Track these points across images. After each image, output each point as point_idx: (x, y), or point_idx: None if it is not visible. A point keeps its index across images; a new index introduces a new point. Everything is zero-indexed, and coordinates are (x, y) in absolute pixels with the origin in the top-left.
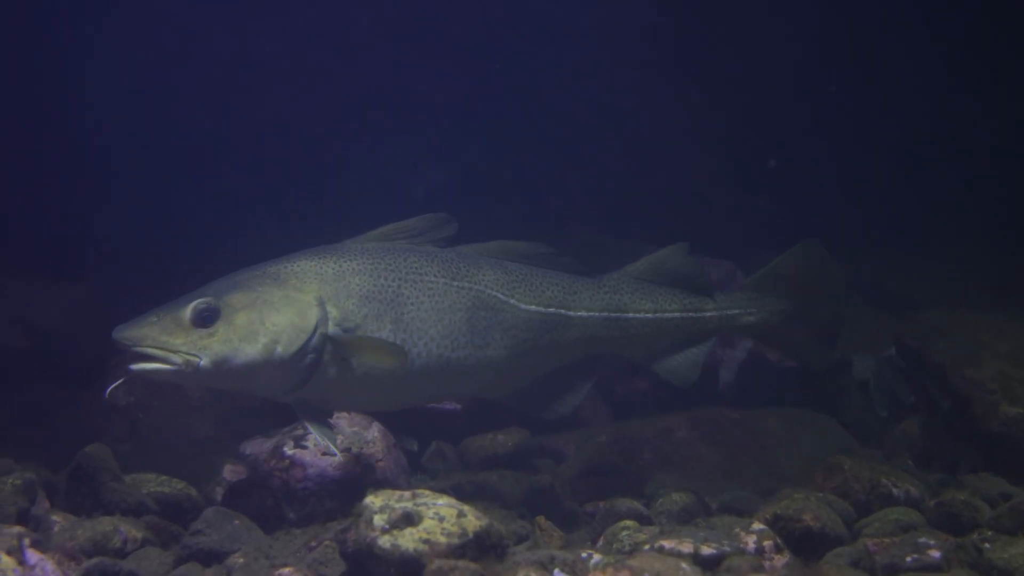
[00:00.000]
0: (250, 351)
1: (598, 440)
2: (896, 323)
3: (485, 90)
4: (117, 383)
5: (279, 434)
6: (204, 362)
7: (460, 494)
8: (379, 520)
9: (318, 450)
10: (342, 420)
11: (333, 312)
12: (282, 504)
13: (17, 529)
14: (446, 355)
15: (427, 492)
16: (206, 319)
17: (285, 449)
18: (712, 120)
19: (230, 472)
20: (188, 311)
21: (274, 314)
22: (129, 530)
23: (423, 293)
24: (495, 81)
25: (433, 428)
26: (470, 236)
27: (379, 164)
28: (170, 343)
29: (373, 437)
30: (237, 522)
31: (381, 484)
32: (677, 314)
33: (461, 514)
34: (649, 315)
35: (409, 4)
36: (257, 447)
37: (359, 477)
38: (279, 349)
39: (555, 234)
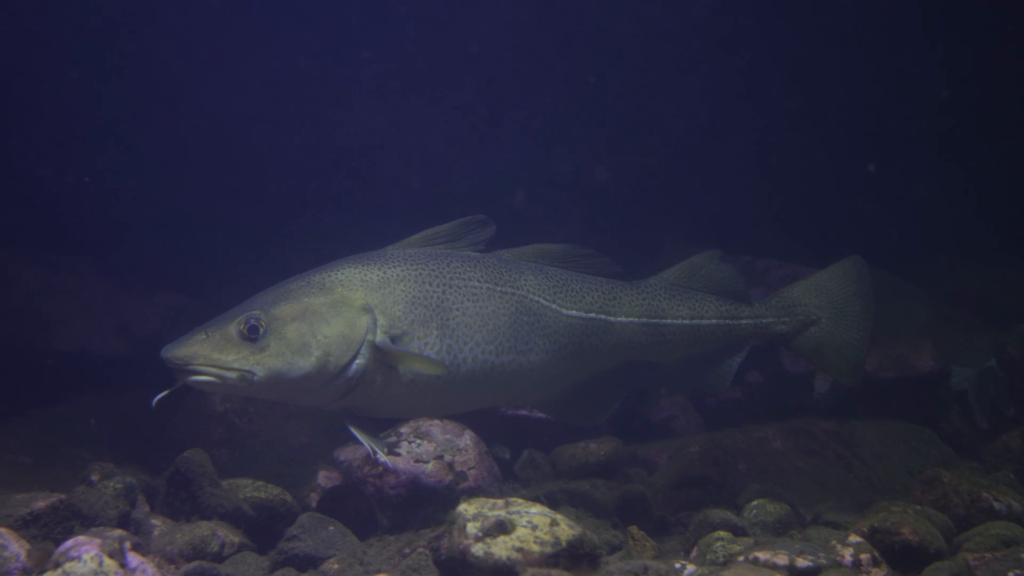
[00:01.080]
0: (304, 364)
1: (691, 450)
2: (997, 333)
3: (579, 99)
4: (164, 393)
5: None
6: (259, 376)
7: (552, 502)
8: (472, 528)
9: (411, 457)
10: (435, 427)
11: (380, 320)
12: (376, 510)
13: (118, 532)
14: (491, 361)
15: (520, 500)
16: (256, 333)
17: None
18: (812, 123)
19: (324, 478)
20: (237, 326)
21: (324, 325)
22: (226, 534)
23: (467, 298)
24: (589, 91)
25: (525, 436)
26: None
27: (478, 174)
28: (222, 360)
29: (465, 445)
30: (332, 528)
31: (473, 492)
32: (714, 321)
33: (554, 523)
34: (686, 321)
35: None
36: (351, 453)
37: (452, 484)
38: (331, 360)
39: (649, 249)
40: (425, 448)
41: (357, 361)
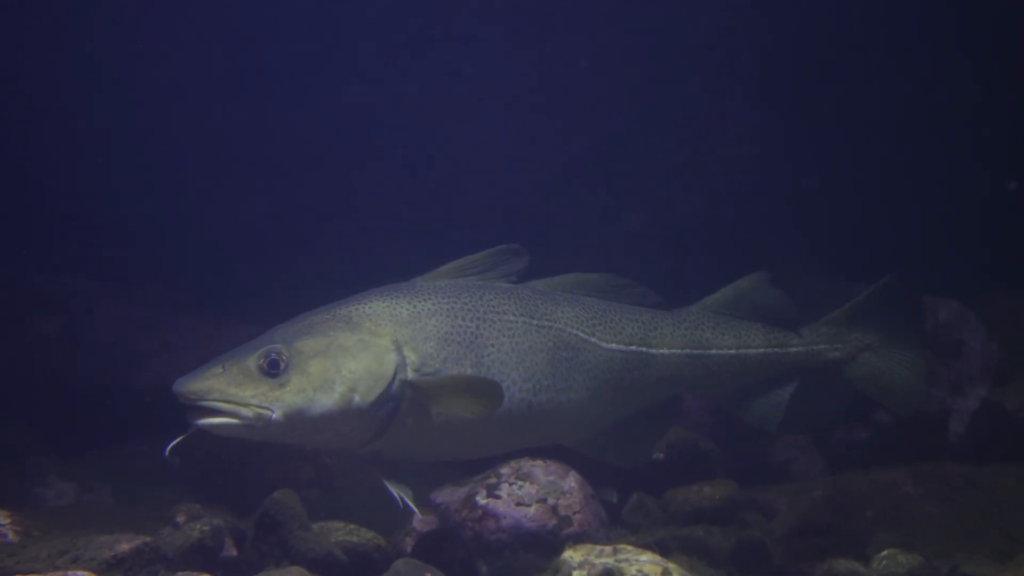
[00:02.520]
0: (326, 401)
1: (813, 495)
2: None
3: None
4: (177, 440)
5: (471, 482)
6: (276, 415)
7: (664, 550)
8: None
9: (512, 500)
10: (537, 468)
11: (411, 356)
12: (474, 556)
13: None
14: (528, 399)
15: (629, 547)
16: (276, 368)
17: (477, 499)
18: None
19: (420, 522)
20: (256, 360)
21: (350, 360)
22: None
23: (503, 334)
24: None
25: (633, 478)
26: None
27: (576, 211)
28: (239, 395)
29: (570, 487)
30: (428, 575)
31: (579, 538)
32: (761, 350)
33: (666, 572)
34: (732, 351)
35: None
36: (448, 496)
37: (555, 529)
38: (357, 398)
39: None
40: (527, 490)
41: (387, 401)
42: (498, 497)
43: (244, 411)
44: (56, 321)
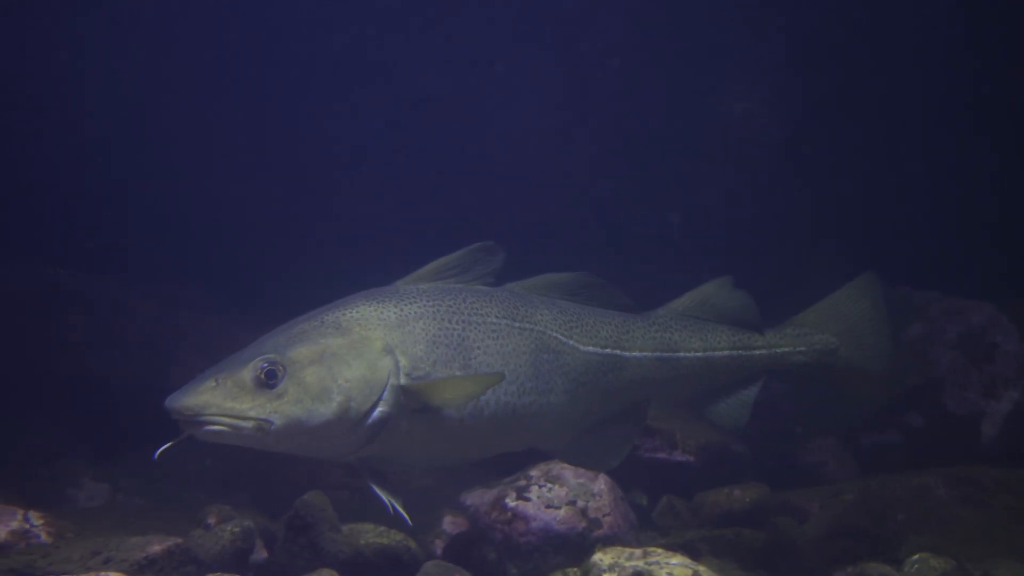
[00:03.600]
0: (324, 411)
1: (844, 498)
2: None
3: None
4: (167, 445)
5: (500, 484)
6: (276, 427)
7: (694, 553)
8: None
9: (542, 502)
10: (567, 471)
11: (402, 361)
12: (504, 559)
13: None
14: (513, 402)
15: (659, 550)
16: (273, 379)
17: (507, 501)
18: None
19: (450, 524)
20: (252, 372)
21: (345, 368)
22: None
23: (488, 336)
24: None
25: (663, 481)
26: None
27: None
28: (237, 409)
29: (600, 490)
30: None
31: (608, 540)
32: (727, 352)
33: (696, 575)
34: (700, 353)
35: None
36: (478, 498)
37: (585, 532)
38: (353, 406)
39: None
40: (557, 493)
41: (380, 406)
42: (528, 499)
43: (243, 424)
44: (87, 322)
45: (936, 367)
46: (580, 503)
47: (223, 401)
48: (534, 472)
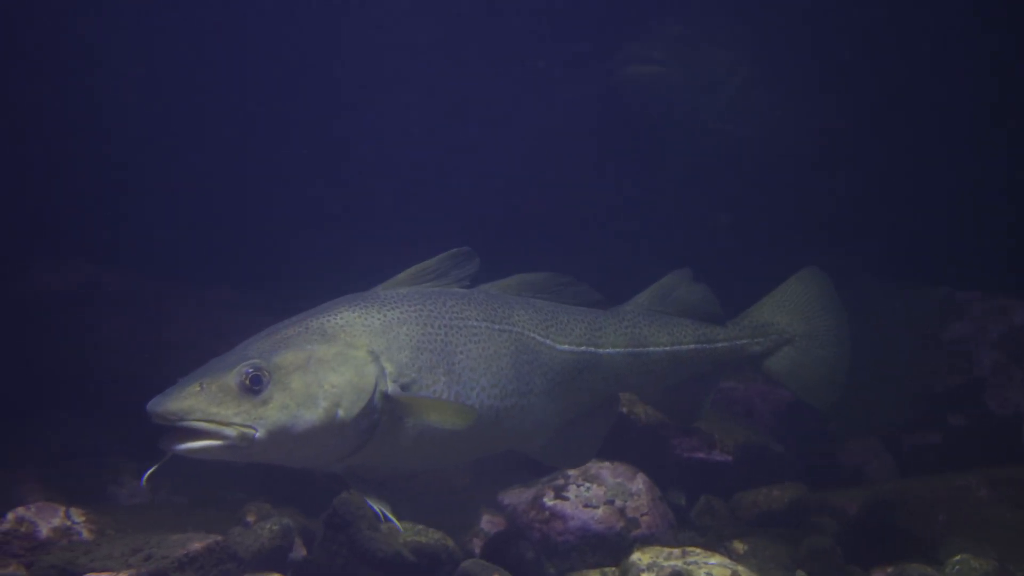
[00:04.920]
0: (310, 418)
1: (884, 498)
2: None
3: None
4: (153, 468)
5: (538, 484)
6: (260, 434)
7: (732, 553)
8: None
9: (579, 502)
10: (604, 470)
11: (388, 367)
12: (542, 558)
13: None
14: (496, 405)
15: (697, 549)
16: (259, 384)
17: (545, 500)
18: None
19: (488, 523)
20: (237, 377)
21: (331, 374)
22: None
23: (469, 340)
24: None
25: (701, 480)
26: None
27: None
28: (221, 414)
29: (638, 489)
30: (496, 575)
31: (647, 540)
32: (692, 345)
33: (735, 575)
34: (667, 348)
35: None
36: (516, 497)
37: (623, 531)
38: (340, 413)
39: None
40: (595, 492)
41: (367, 413)
42: (566, 499)
43: (227, 431)
44: (128, 321)
45: (978, 367)
46: (618, 502)
47: (207, 406)
48: (572, 471)
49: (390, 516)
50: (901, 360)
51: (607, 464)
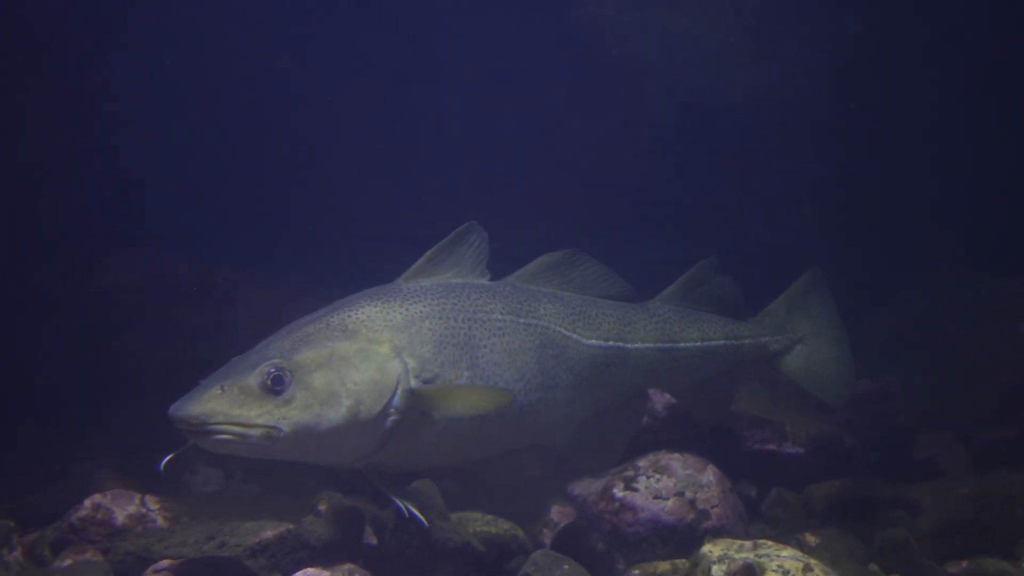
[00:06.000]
0: (333, 416)
1: (959, 492)
2: None
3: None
4: (171, 455)
5: (608, 475)
6: (285, 433)
7: (804, 545)
8: (717, 571)
9: (649, 493)
10: (675, 461)
11: (411, 363)
12: (612, 549)
13: (348, 566)
14: (520, 400)
15: (769, 542)
16: (280, 384)
17: (615, 491)
18: None
19: (558, 514)
20: (258, 377)
21: (353, 372)
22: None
23: (493, 334)
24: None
25: (772, 473)
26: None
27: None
28: (244, 416)
29: (708, 481)
30: (566, 567)
31: (717, 532)
32: (721, 341)
33: (807, 568)
34: (698, 344)
35: None
36: (585, 488)
37: (693, 523)
38: (363, 410)
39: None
40: (664, 483)
41: (390, 410)
42: (635, 490)
43: (252, 432)
44: (202, 311)
45: None
46: (688, 494)
47: (229, 408)
48: (642, 462)
49: (415, 512)
50: (975, 353)
51: (677, 455)
